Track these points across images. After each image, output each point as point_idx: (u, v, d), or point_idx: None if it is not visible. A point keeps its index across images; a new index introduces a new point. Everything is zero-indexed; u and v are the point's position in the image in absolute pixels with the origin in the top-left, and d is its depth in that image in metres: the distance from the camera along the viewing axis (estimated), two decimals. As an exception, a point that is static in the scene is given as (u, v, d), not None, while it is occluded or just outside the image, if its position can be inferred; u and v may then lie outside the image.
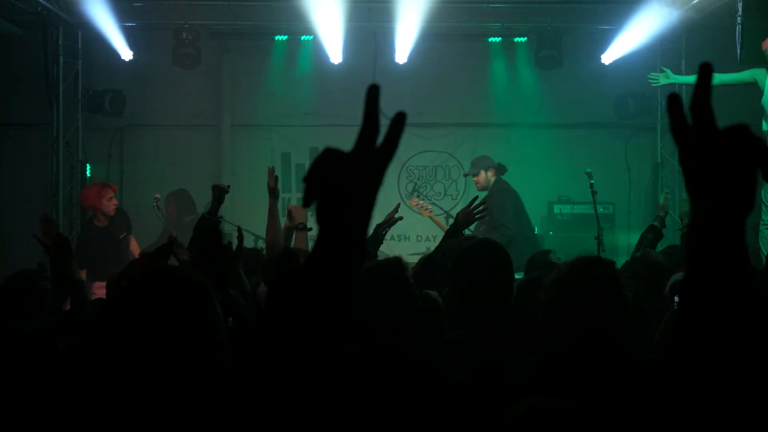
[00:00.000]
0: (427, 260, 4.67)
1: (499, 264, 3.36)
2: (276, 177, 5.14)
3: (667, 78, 8.56)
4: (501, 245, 3.51)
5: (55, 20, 9.49)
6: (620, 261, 5.72)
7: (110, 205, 8.22)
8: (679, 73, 9.91)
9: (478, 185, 8.71)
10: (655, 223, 6.20)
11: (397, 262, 2.79)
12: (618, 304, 2.62)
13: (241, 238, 3.68)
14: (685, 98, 1.04)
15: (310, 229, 6.99)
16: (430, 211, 8.90)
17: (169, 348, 1.76)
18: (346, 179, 1.08)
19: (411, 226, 9.89)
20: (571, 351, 2.59)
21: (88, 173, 10.10)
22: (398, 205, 5.47)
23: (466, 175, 9.46)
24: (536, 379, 2.58)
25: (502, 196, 8.31)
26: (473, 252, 3.41)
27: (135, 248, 8.31)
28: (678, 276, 4.54)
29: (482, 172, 8.67)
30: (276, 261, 3.89)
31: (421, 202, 8.95)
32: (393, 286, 2.67)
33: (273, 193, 5.16)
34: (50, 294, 3.98)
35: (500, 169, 8.79)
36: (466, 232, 5.50)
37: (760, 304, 1.04)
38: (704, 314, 1.05)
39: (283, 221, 5.55)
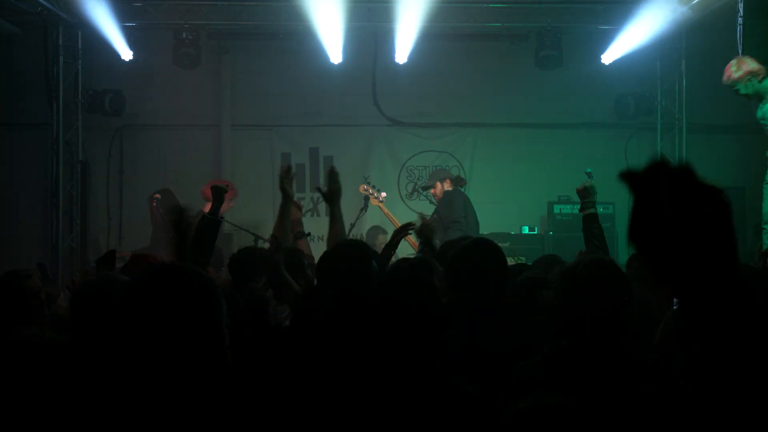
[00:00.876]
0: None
1: (494, 262, 3.36)
2: (290, 179, 4.93)
3: None
4: (497, 244, 3.51)
5: (55, 20, 9.49)
6: (620, 261, 5.66)
7: (228, 206, 8.46)
8: (679, 72, 9.95)
9: (436, 197, 8.77)
10: (592, 211, 5.14)
11: (424, 263, 2.79)
12: (624, 304, 2.61)
13: (274, 245, 3.76)
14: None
15: (308, 234, 7.03)
16: (381, 201, 8.39)
17: (174, 344, 1.76)
18: None
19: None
20: (576, 351, 2.59)
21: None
22: (421, 217, 5.49)
23: (424, 189, 9.40)
24: (540, 378, 2.58)
25: (450, 198, 8.47)
26: (468, 251, 3.41)
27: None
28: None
29: (438, 184, 8.74)
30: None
31: (371, 188, 8.38)
32: (420, 287, 2.67)
33: (285, 193, 4.92)
34: (39, 294, 3.89)
35: (458, 181, 8.87)
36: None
37: (754, 307, 1.04)
38: (705, 319, 1.05)
39: None
